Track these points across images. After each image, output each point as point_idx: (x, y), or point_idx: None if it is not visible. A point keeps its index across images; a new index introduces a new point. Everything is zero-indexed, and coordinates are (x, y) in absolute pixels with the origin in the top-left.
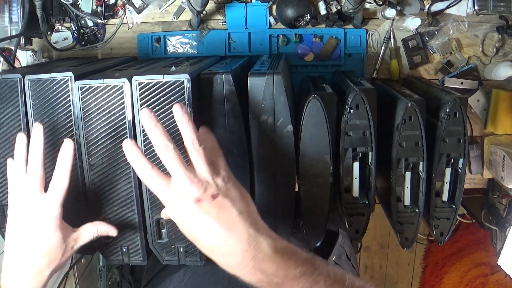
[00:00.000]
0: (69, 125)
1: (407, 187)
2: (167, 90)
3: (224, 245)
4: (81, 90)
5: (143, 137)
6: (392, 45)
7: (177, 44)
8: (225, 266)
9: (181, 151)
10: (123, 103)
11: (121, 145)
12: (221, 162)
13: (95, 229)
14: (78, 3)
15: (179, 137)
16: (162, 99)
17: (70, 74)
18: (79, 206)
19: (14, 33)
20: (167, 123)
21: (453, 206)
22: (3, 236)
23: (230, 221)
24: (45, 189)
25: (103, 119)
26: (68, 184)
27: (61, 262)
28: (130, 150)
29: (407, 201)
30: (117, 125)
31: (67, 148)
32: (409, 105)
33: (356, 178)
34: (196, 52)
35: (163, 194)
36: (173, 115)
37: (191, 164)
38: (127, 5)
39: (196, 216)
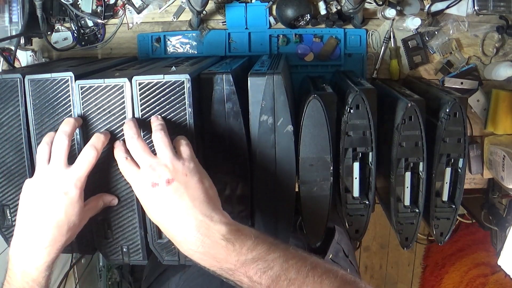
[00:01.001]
0: None
1: (407, 187)
2: (167, 90)
3: (176, 230)
4: (81, 89)
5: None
6: (392, 45)
7: (177, 44)
8: (180, 250)
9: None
10: (123, 102)
11: None
12: (184, 146)
13: (101, 200)
14: (78, 3)
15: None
16: (162, 99)
17: (70, 74)
18: None
19: (14, 33)
20: (167, 123)
21: (453, 206)
22: (3, 236)
23: (181, 207)
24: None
25: (103, 118)
26: (97, 156)
27: (75, 232)
28: (116, 148)
29: (407, 201)
30: (117, 125)
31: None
32: (409, 105)
33: (356, 178)
34: (196, 52)
35: (131, 179)
36: (172, 115)
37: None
38: (127, 5)
39: (152, 199)
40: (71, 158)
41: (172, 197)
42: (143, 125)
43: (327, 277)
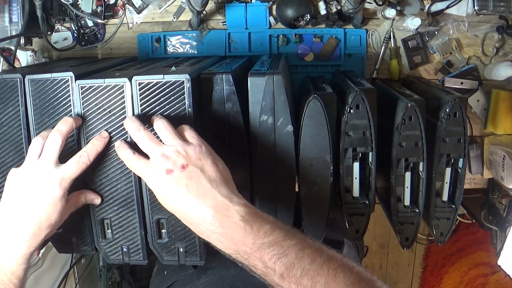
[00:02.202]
0: None
1: (407, 187)
2: (167, 90)
3: (194, 212)
4: (81, 89)
5: None
6: (392, 45)
7: (177, 44)
8: (198, 233)
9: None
10: (123, 102)
11: None
12: (190, 132)
13: (84, 196)
14: (78, 3)
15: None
16: (162, 99)
17: (71, 74)
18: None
19: (14, 33)
20: None
21: (453, 206)
22: None
23: (199, 189)
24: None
25: (103, 118)
26: (89, 164)
27: (55, 228)
28: (120, 147)
29: (407, 201)
30: (118, 125)
31: (105, 135)
32: (409, 105)
33: (356, 178)
34: (196, 52)
35: (143, 171)
36: (172, 115)
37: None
38: (127, 5)
39: (168, 186)
40: (65, 157)
41: (189, 181)
42: (144, 123)
43: (342, 270)
